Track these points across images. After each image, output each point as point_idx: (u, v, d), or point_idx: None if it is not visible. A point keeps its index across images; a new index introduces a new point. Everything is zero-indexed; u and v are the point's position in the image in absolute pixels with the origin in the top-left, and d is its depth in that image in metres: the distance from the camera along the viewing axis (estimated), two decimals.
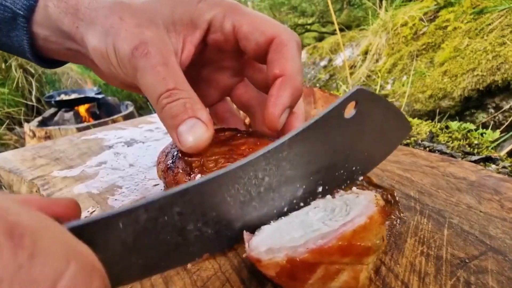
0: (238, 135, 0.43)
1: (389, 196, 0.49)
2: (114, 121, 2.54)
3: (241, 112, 0.57)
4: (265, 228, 0.33)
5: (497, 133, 0.92)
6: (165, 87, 0.35)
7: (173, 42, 0.38)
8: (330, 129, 0.34)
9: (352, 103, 0.34)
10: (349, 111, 0.34)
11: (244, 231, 0.33)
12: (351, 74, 2.64)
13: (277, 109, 0.37)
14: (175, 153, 0.43)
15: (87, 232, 0.22)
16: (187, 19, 0.39)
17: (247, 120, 0.59)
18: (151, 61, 0.35)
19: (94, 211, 0.49)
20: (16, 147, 2.76)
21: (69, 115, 2.92)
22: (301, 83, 0.38)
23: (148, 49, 0.35)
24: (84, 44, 0.40)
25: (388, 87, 2.27)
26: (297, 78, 0.37)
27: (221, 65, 0.46)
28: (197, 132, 0.35)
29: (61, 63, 0.51)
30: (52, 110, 3.04)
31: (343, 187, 0.39)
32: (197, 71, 0.45)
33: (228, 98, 0.51)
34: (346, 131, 0.35)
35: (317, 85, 2.96)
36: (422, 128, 0.83)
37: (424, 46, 2.22)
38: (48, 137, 2.47)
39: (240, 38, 0.39)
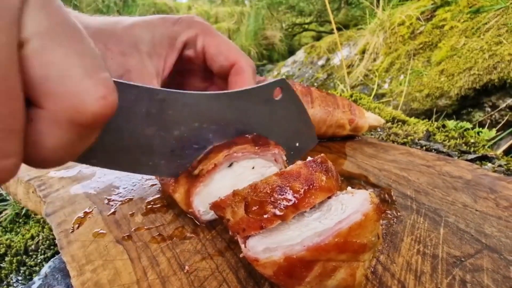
0: None
1: (386, 195, 0.49)
2: None
3: None
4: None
5: (493, 132, 0.92)
6: None
7: (155, 64, 0.44)
8: (262, 102, 0.44)
9: (279, 90, 0.45)
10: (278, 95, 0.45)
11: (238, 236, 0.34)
12: (349, 73, 2.65)
13: None
14: None
15: None
16: (165, 41, 0.45)
17: None
18: None
19: (91, 211, 0.49)
20: None
21: None
22: None
23: (131, 76, 0.41)
24: None
25: (386, 86, 2.28)
26: None
27: (193, 73, 0.53)
28: None
29: None
30: None
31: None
32: (173, 78, 0.51)
33: None
34: (271, 110, 0.46)
35: (315, 84, 2.96)
36: (419, 127, 0.83)
37: (421, 45, 2.23)
38: None
39: (207, 58, 0.47)
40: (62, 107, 0.19)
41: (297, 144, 0.52)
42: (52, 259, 0.45)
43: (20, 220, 0.72)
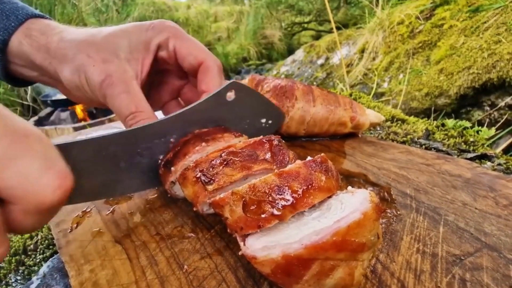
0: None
1: (385, 194, 0.49)
2: (110, 120, 2.53)
3: None
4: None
5: (492, 131, 0.92)
6: (128, 111, 0.46)
7: (134, 67, 0.49)
8: (218, 106, 0.50)
9: (233, 91, 0.50)
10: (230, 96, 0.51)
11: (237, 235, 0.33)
12: (348, 72, 2.65)
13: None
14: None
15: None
16: (141, 46, 0.50)
17: None
18: (115, 90, 0.46)
19: (90, 211, 0.49)
20: None
21: (65, 114, 2.90)
22: None
23: (112, 80, 0.46)
24: (57, 76, 0.50)
25: (385, 85, 2.28)
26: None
27: (169, 72, 0.58)
28: None
29: (29, 83, 0.59)
30: (48, 109, 3.02)
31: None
32: (152, 78, 0.56)
33: (179, 98, 0.64)
34: (229, 109, 0.52)
35: (314, 83, 2.96)
36: (418, 126, 0.83)
37: (420, 44, 2.23)
38: None
39: (178, 58, 0.52)
40: (28, 204, 0.26)
41: (269, 121, 0.61)
42: (50, 259, 0.45)
43: None
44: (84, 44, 0.48)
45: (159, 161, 0.48)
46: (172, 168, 0.45)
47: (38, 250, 0.51)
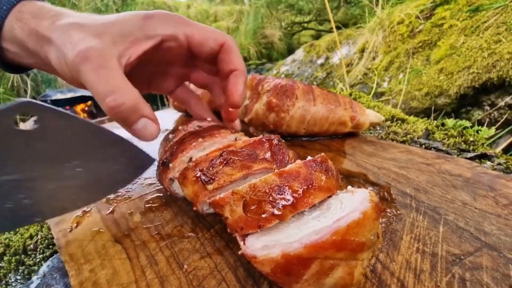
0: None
1: (385, 193, 0.49)
2: (110, 120, 2.53)
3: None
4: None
5: (492, 130, 0.92)
6: (107, 87, 0.39)
7: (118, 49, 0.43)
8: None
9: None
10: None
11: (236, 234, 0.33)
12: (348, 72, 2.65)
13: (238, 96, 0.50)
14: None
15: None
16: (136, 31, 0.45)
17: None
18: (92, 64, 0.39)
19: (89, 210, 0.49)
20: None
21: None
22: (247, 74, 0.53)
23: (88, 53, 0.40)
24: (48, 60, 0.46)
25: (385, 85, 2.28)
26: (245, 70, 0.52)
27: (175, 61, 0.54)
28: (150, 129, 0.43)
29: (27, 69, 0.56)
30: None
31: None
32: (154, 66, 0.54)
33: (186, 82, 0.62)
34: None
35: (314, 83, 2.96)
36: (418, 125, 0.83)
37: (420, 44, 2.23)
38: None
39: (194, 46, 0.49)
40: None
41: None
42: (50, 259, 0.45)
43: None
44: (70, 27, 0.43)
45: (159, 161, 0.47)
46: (170, 165, 0.45)
47: (38, 249, 0.51)
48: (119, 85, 0.40)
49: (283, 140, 0.44)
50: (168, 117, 0.95)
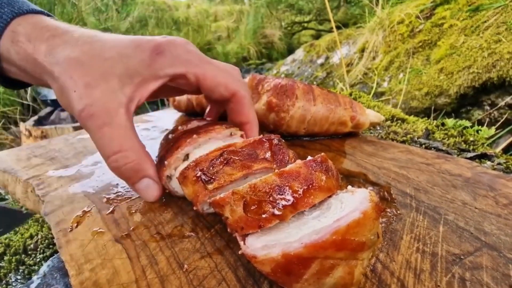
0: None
1: (385, 193, 0.49)
2: None
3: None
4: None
5: (492, 130, 0.92)
6: (111, 150, 0.39)
7: (127, 93, 0.42)
8: None
9: None
10: None
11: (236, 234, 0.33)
12: (348, 71, 2.65)
13: None
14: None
15: None
16: (144, 70, 0.42)
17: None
18: (95, 122, 0.39)
19: (90, 210, 0.49)
20: (12, 147, 2.74)
21: (65, 114, 2.90)
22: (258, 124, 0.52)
23: (93, 110, 0.39)
24: (50, 86, 0.44)
25: (385, 84, 2.28)
26: (257, 121, 0.51)
27: (186, 90, 0.51)
28: (152, 190, 0.45)
29: (28, 85, 0.54)
30: (48, 109, 3.02)
31: None
32: (165, 93, 0.55)
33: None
34: None
35: (314, 82, 2.96)
36: (418, 125, 0.83)
37: (420, 44, 2.23)
38: (44, 136, 2.45)
39: (203, 89, 0.46)
40: None
41: None
42: (51, 258, 0.45)
43: None
44: (70, 64, 0.40)
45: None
46: (166, 162, 0.45)
47: (38, 249, 0.51)
48: (123, 144, 0.39)
49: (283, 140, 0.44)
50: (168, 117, 0.95)
